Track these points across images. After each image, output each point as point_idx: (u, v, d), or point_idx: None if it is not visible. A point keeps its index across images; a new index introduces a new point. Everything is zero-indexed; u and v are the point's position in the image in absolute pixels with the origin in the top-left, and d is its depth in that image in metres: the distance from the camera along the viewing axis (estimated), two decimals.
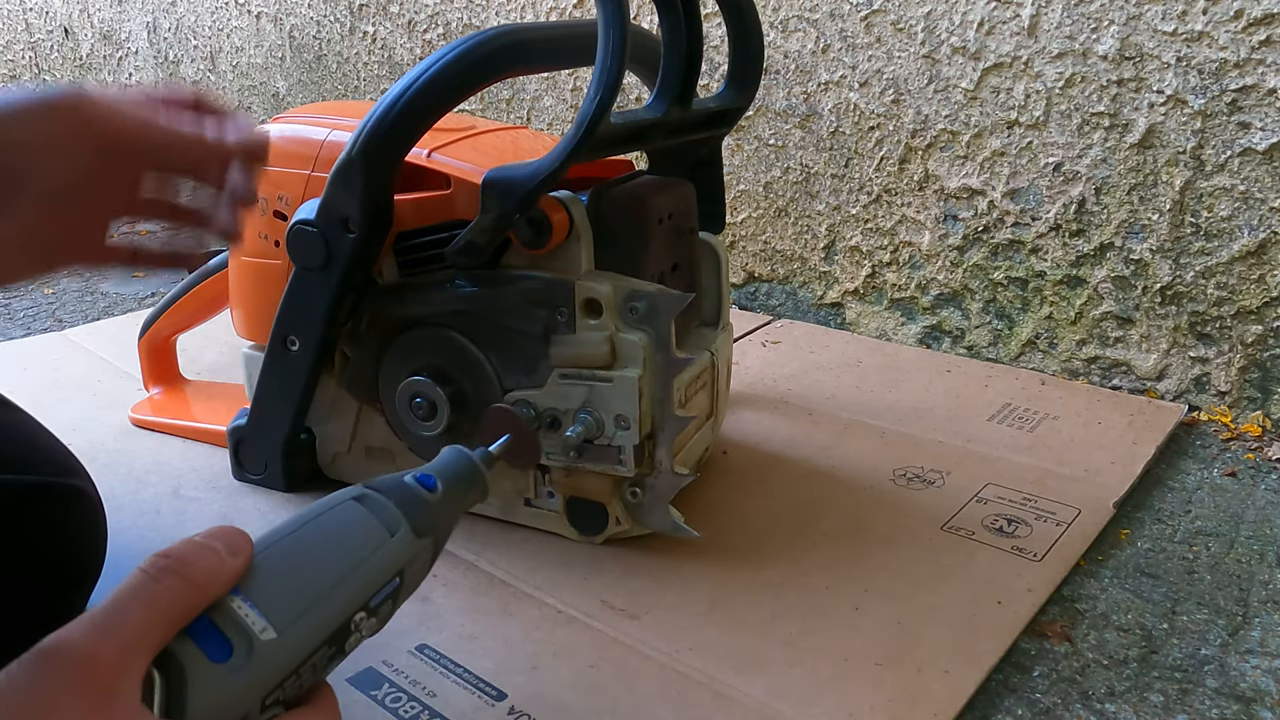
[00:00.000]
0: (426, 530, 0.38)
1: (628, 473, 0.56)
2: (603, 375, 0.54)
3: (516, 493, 0.61)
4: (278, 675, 0.32)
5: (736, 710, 0.47)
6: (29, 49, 2.68)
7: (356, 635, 0.35)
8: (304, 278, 0.59)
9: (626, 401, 0.54)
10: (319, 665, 0.33)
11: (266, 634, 0.31)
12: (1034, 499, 0.67)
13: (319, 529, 0.36)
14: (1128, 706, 0.49)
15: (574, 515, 0.60)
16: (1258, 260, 0.77)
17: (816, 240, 1.05)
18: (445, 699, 0.48)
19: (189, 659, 0.30)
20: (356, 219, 0.56)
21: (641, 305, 0.53)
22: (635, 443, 0.54)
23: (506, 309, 0.56)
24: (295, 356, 0.61)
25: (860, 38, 0.96)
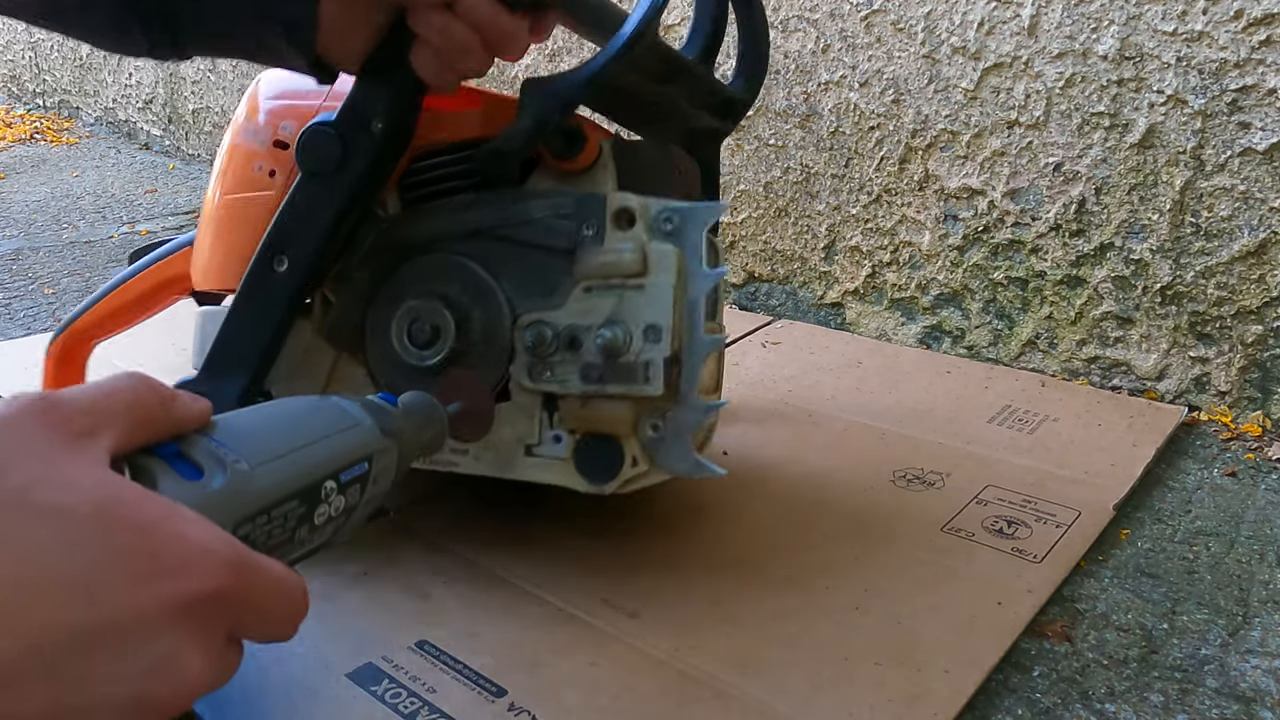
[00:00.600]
0: (391, 433, 0.38)
1: (655, 391, 0.50)
2: (634, 282, 0.51)
3: (517, 440, 0.55)
4: (249, 507, 0.31)
5: (736, 709, 0.47)
6: (29, 49, 2.68)
7: (325, 507, 0.34)
8: (310, 185, 0.53)
9: (659, 309, 0.50)
10: (289, 519, 0.33)
11: (239, 464, 0.31)
12: (1034, 501, 0.67)
13: (283, 405, 0.36)
14: (1128, 706, 0.49)
15: (583, 461, 0.54)
16: (1258, 260, 0.77)
17: (816, 240, 1.05)
18: (445, 695, 0.48)
19: (159, 470, 0.29)
20: (382, 122, 0.51)
21: (675, 218, 0.51)
22: (666, 355, 0.50)
23: (528, 223, 0.53)
24: (280, 278, 0.54)
25: (860, 38, 0.96)
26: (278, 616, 0.30)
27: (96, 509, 0.25)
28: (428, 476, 0.71)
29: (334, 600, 0.56)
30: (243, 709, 0.48)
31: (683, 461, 0.52)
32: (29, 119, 2.57)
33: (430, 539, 0.63)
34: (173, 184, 1.91)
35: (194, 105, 2.05)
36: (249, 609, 0.29)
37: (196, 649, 0.27)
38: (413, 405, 0.41)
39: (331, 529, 0.35)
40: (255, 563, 0.28)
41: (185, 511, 0.27)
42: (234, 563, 0.27)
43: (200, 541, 0.27)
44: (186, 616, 0.26)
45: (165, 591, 0.25)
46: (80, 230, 1.56)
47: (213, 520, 0.28)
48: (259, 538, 0.31)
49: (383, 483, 0.38)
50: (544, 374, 0.52)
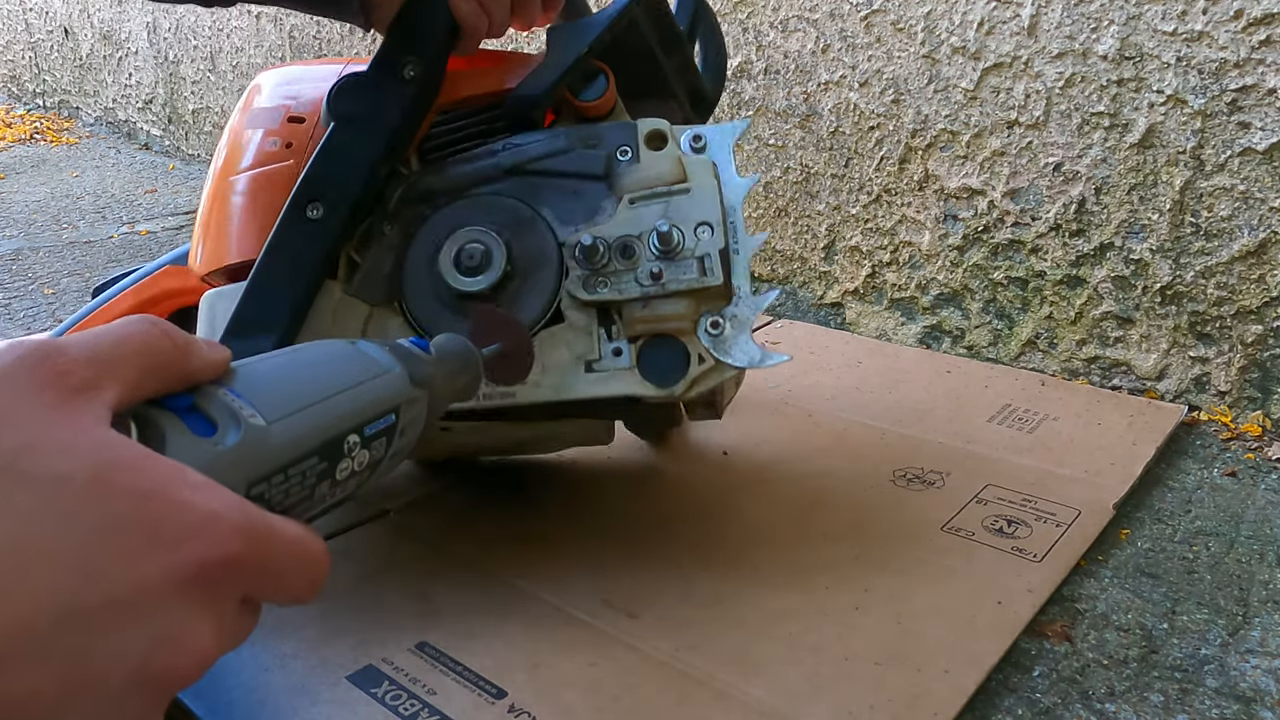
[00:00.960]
0: (422, 382, 0.36)
1: (715, 281, 0.51)
2: (679, 188, 0.53)
3: (576, 360, 0.53)
4: (265, 465, 0.29)
5: (736, 709, 0.47)
6: (29, 49, 2.68)
7: (348, 462, 0.32)
8: (344, 131, 0.53)
9: (708, 207, 0.52)
10: (308, 476, 0.31)
11: (254, 419, 0.29)
12: (1034, 500, 0.67)
13: (308, 353, 0.34)
14: (1128, 706, 0.49)
15: (648, 366, 0.53)
16: (1258, 260, 0.77)
17: (816, 240, 1.05)
18: (445, 696, 0.48)
19: (169, 425, 0.27)
20: (416, 65, 0.53)
21: (703, 136, 0.54)
22: (720, 247, 0.52)
23: (562, 154, 0.54)
24: (314, 226, 0.53)
25: (860, 38, 0.96)
26: (295, 580, 0.28)
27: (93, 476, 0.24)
28: (427, 478, 0.71)
29: (334, 602, 0.56)
30: (243, 712, 0.48)
31: (746, 353, 0.52)
32: (29, 119, 2.57)
33: (430, 540, 0.63)
34: (173, 184, 1.91)
35: (194, 105, 2.05)
36: (263, 574, 0.27)
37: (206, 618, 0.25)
38: (446, 349, 0.39)
39: (355, 484, 0.34)
40: (268, 527, 0.27)
41: (192, 475, 0.26)
42: (244, 529, 0.26)
43: (207, 507, 0.25)
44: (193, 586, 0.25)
45: (168, 563, 0.24)
46: (80, 230, 1.56)
47: (225, 480, 0.27)
48: (275, 497, 0.30)
49: (411, 434, 0.36)
50: (600, 285, 0.52)
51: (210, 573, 0.25)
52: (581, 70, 0.54)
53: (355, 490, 0.34)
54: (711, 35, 0.70)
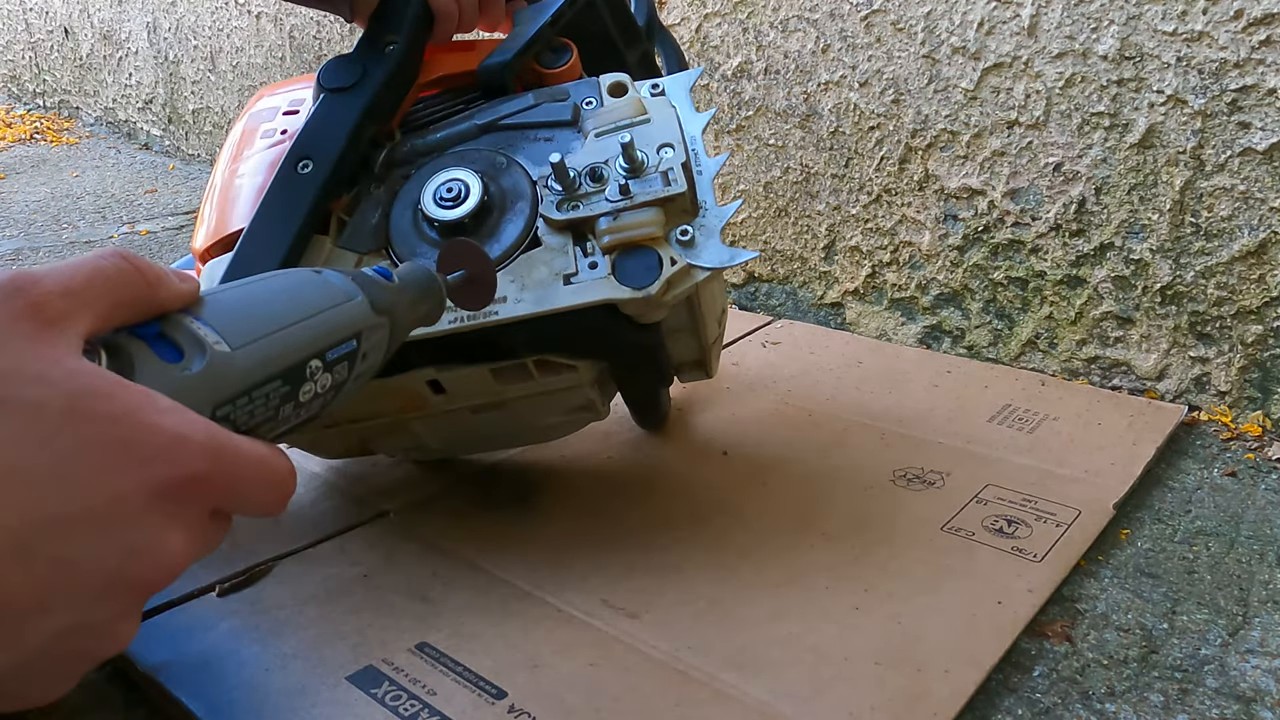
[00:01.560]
0: (383, 309, 0.37)
1: (680, 189, 0.54)
2: (640, 119, 0.57)
3: (554, 275, 0.55)
4: (229, 389, 0.31)
5: (736, 709, 0.47)
6: (29, 49, 2.68)
7: (311, 385, 0.34)
8: (332, 99, 0.59)
9: (669, 130, 0.56)
10: (271, 398, 0.32)
11: (220, 346, 0.30)
12: (1034, 500, 0.67)
13: (274, 282, 0.35)
14: (1128, 706, 0.49)
15: (623, 272, 0.55)
16: (1258, 260, 0.77)
17: (816, 240, 1.05)
18: (445, 697, 0.48)
19: (138, 353, 0.29)
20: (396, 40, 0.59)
21: (660, 85, 0.60)
22: (682, 161, 0.55)
23: (531, 108, 0.59)
24: (304, 179, 0.57)
25: (860, 38, 0.96)
26: (261, 495, 0.30)
27: (67, 402, 0.25)
28: (427, 478, 0.71)
29: (334, 602, 0.56)
30: (243, 712, 0.48)
31: (716, 255, 0.55)
32: (29, 119, 2.57)
33: (430, 540, 0.63)
34: (173, 184, 1.91)
35: (194, 105, 2.05)
36: (230, 490, 0.29)
37: (177, 529, 0.28)
38: (409, 277, 0.41)
39: (319, 404, 0.35)
40: (233, 446, 0.29)
41: (160, 399, 0.27)
42: (209, 448, 0.28)
43: (174, 429, 0.27)
44: (163, 500, 0.27)
45: (140, 479, 0.26)
46: (80, 230, 1.56)
47: (191, 403, 0.29)
48: (240, 418, 0.31)
49: (373, 358, 0.38)
50: (572, 206, 0.55)
51: (178, 488, 0.27)
52: (547, 42, 0.61)
53: (320, 410, 0.36)
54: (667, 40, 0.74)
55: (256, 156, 0.62)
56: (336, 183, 0.58)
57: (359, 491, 0.69)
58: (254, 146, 0.63)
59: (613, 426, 0.77)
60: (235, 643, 0.53)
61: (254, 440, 0.31)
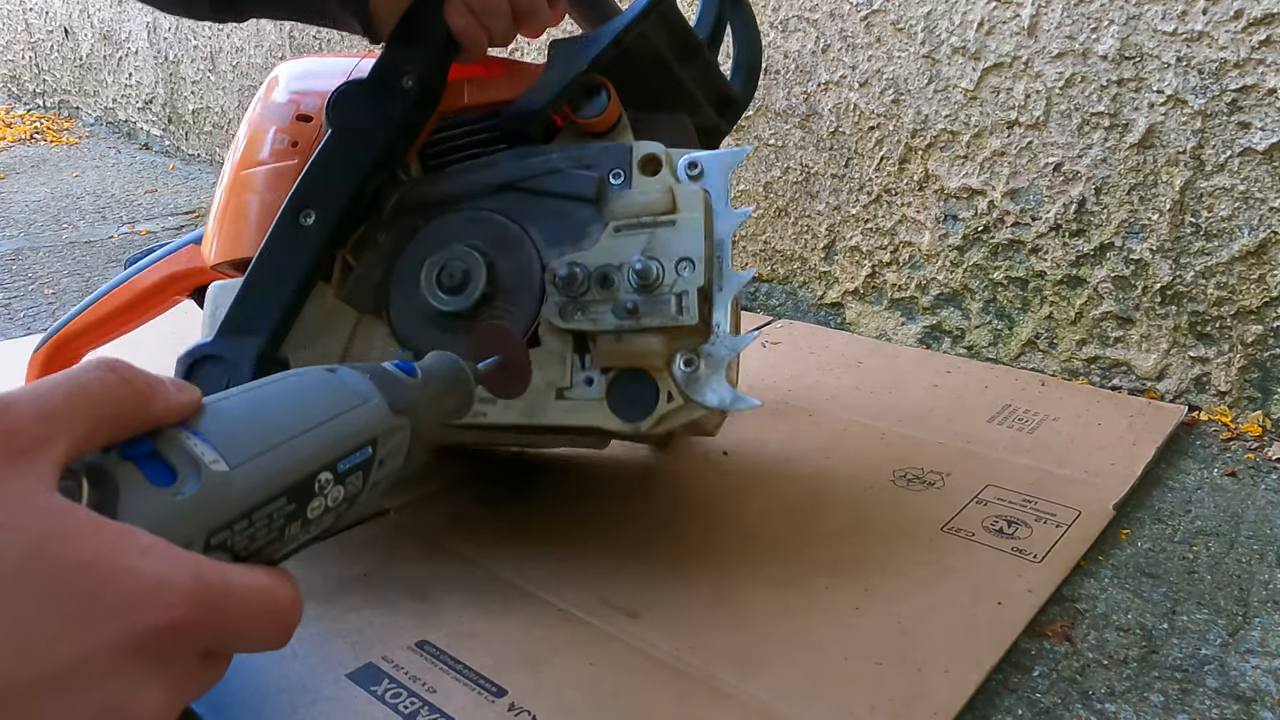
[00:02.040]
0: (403, 410, 0.35)
1: (690, 321, 0.50)
2: (665, 220, 0.51)
3: (547, 385, 0.53)
4: (227, 513, 0.28)
5: (736, 709, 0.47)
6: (29, 49, 2.68)
7: (320, 500, 0.31)
8: (340, 140, 0.54)
9: (691, 242, 0.51)
10: (275, 519, 0.30)
11: (217, 465, 0.28)
12: (1034, 500, 0.67)
13: (282, 386, 0.32)
14: (1128, 706, 0.49)
15: (617, 400, 0.53)
16: (1258, 260, 0.77)
17: (816, 240, 1.05)
18: (445, 695, 0.48)
19: (124, 477, 0.26)
20: (414, 76, 0.53)
21: (699, 163, 0.53)
22: (700, 285, 0.50)
23: (554, 174, 0.54)
24: (305, 233, 0.54)
25: (860, 38, 0.96)
26: (259, 631, 0.28)
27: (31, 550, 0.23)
28: (427, 478, 0.71)
29: (334, 601, 0.56)
30: (243, 710, 0.48)
31: (717, 394, 0.52)
32: (29, 119, 2.57)
33: (430, 538, 0.63)
34: (173, 184, 1.91)
35: (194, 105, 2.05)
36: (222, 631, 0.27)
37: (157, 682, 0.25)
38: (433, 370, 0.38)
39: (331, 518, 0.33)
40: (225, 583, 0.26)
41: (140, 537, 0.25)
42: (195, 592, 0.25)
43: (154, 573, 0.24)
44: (141, 653, 0.24)
45: (113, 632, 0.24)
46: (80, 230, 1.56)
47: (183, 532, 0.27)
48: (240, 543, 0.29)
49: (391, 464, 0.35)
50: (576, 313, 0.52)
51: (158, 639, 0.25)
52: (583, 85, 0.54)
53: (333, 524, 0.33)
54: (744, 33, 0.68)
55: (267, 171, 0.59)
56: (341, 234, 0.55)
57: None
58: (264, 151, 0.59)
59: None
60: None
61: (253, 569, 0.28)
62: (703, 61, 0.61)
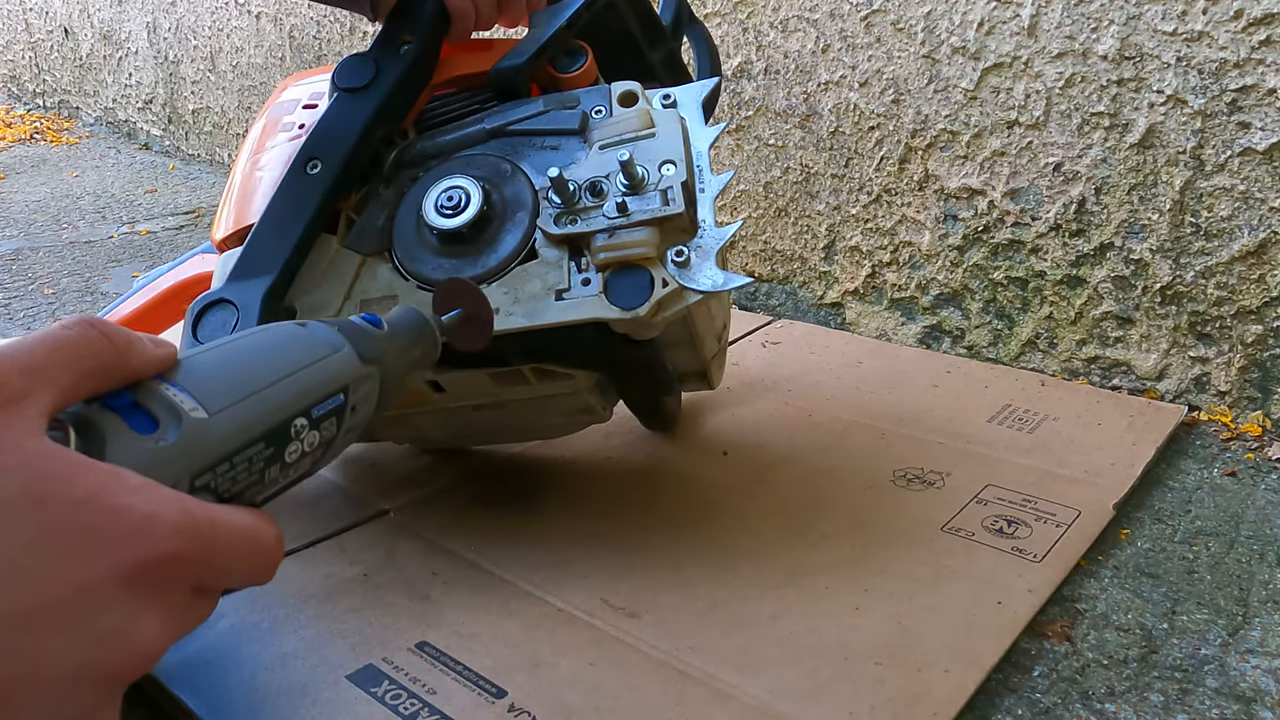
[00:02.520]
0: (372, 359, 0.37)
1: (677, 209, 0.53)
2: (645, 133, 0.56)
3: (546, 290, 0.55)
4: (208, 457, 0.30)
5: (736, 709, 0.47)
6: (29, 49, 2.68)
7: (297, 444, 0.33)
8: (344, 99, 0.59)
9: (671, 147, 0.55)
10: (254, 462, 0.32)
11: (196, 413, 0.30)
12: (1034, 500, 0.67)
13: (255, 339, 0.34)
14: (1128, 706, 0.49)
15: (614, 291, 0.54)
16: (1258, 260, 0.77)
17: (816, 240, 1.05)
18: (445, 696, 0.48)
19: (108, 425, 0.28)
20: (411, 41, 0.59)
21: (673, 94, 0.58)
22: (683, 179, 0.54)
23: (540, 115, 0.58)
24: (312, 180, 0.57)
25: (860, 38, 0.96)
26: (245, 566, 0.30)
27: (25, 488, 0.24)
28: (427, 478, 0.71)
29: (334, 602, 0.56)
30: (243, 711, 0.48)
31: (710, 278, 0.53)
32: (29, 119, 2.57)
33: (430, 539, 0.63)
34: (173, 184, 1.91)
35: (194, 105, 2.05)
36: (209, 565, 0.28)
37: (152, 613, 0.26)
38: (399, 322, 0.40)
39: (309, 462, 0.35)
40: (210, 520, 0.28)
41: (128, 477, 0.26)
42: (183, 526, 0.27)
43: (143, 509, 0.26)
44: (135, 584, 0.26)
45: (107, 564, 0.25)
46: (80, 230, 1.56)
47: (167, 475, 0.28)
48: (222, 486, 0.31)
49: (364, 410, 0.37)
50: (569, 220, 0.54)
51: (151, 570, 0.26)
52: (562, 45, 0.60)
53: (311, 469, 0.35)
54: (700, 36, 0.73)
55: (276, 150, 0.63)
56: (345, 183, 0.58)
57: (359, 491, 0.69)
58: (275, 139, 0.64)
59: (613, 426, 0.77)
60: (235, 641, 0.53)
61: (237, 509, 0.30)
62: (669, 50, 0.68)
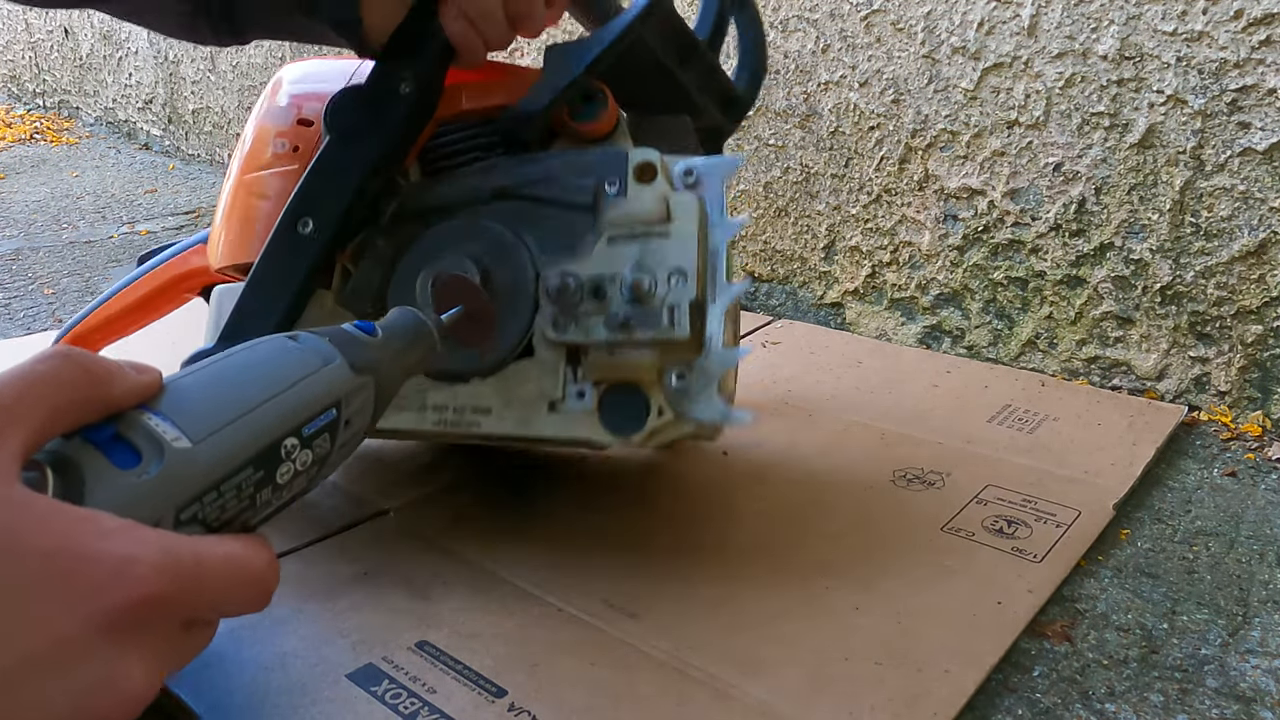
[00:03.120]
0: (365, 369, 0.36)
1: (682, 335, 0.50)
2: (659, 230, 0.51)
3: (540, 397, 0.53)
4: (193, 487, 0.29)
5: (736, 709, 0.47)
6: (29, 49, 2.68)
7: (289, 465, 0.32)
8: (338, 148, 0.54)
9: (684, 254, 0.50)
10: (244, 487, 0.31)
11: (179, 442, 0.29)
12: (1034, 500, 0.67)
13: (241, 356, 0.33)
14: (1128, 706, 0.49)
15: (609, 413, 0.53)
16: (1258, 260, 0.77)
17: (816, 240, 1.05)
18: (445, 695, 0.48)
19: (88, 461, 0.27)
20: (411, 81, 0.53)
21: (695, 171, 0.52)
22: (691, 298, 0.49)
23: (550, 181, 0.53)
24: (304, 241, 0.54)
25: (860, 38, 0.96)
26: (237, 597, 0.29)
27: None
28: (427, 478, 0.71)
29: (334, 601, 0.56)
30: (243, 711, 0.48)
31: (709, 410, 0.51)
32: (29, 119, 2.57)
33: (430, 539, 0.63)
34: (173, 184, 1.91)
35: (194, 105, 2.05)
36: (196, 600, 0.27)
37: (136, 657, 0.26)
38: (394, 326, 0.39)
39: (303, 481, 0.34)
40: (195, 555, 0.27)
41: (103, 520, 0.26)
42: (163, 566, 0.26)
43: (120, 552, 0.25)
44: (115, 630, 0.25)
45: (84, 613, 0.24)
46: (80, 230, 1.56)
47: (151, 510, 0.27)
48: (210, 515, 0.29)
49: (359, 422, 0.36)
50: (569, 325, 0.52)
51: (131, 614, 0.25)
52: (580, 90, 0.53)
53: (307, 486, 0.34)
54: (749, 31, 0.67)
55: (270, 175, 0.59)
56: (340, 240, 0.55)
57: (359, 490, 0.69)
58: (267, 155, 0.59)
59: None
60: (235, 641, 0.53)
61: (226, 538, 0.29)
62: (704, 63, 0.61)
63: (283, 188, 0.57)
